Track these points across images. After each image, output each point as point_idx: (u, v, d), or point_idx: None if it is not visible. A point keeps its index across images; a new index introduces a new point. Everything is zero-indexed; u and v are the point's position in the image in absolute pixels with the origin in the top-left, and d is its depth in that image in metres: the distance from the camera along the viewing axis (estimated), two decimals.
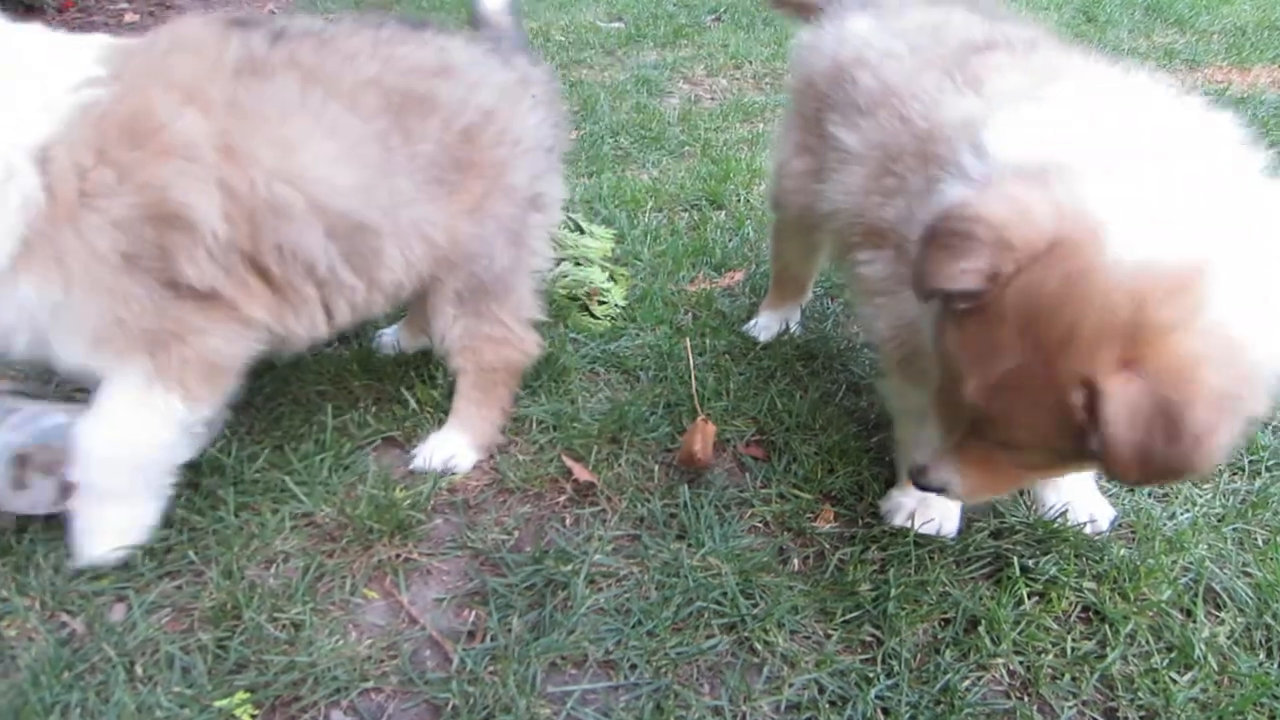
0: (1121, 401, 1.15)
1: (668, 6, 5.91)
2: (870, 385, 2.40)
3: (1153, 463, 1.17)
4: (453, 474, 2.10)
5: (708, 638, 1.72)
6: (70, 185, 1.59)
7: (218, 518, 1.93)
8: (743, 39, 5.30)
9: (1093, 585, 1.80)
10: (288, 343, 1.92)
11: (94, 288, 1.64)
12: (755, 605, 1.78)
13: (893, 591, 1.76)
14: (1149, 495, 2.02)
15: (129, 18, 6.69)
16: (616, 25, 5.62)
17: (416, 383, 2.35)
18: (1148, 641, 1.69)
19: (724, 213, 3.33)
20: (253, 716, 1.56)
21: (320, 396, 2.31)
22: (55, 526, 1.87)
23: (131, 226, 1.63)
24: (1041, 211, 1.22)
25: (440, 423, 2.21)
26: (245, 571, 1.81)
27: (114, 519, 1.82)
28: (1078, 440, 1.24)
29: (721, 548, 1.89)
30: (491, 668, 1.65)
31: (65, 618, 1.74)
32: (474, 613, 1.78)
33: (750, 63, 4.94)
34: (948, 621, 1.74)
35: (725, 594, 1.78)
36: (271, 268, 1.77)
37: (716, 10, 5.88)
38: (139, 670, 1.63)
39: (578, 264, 2.77)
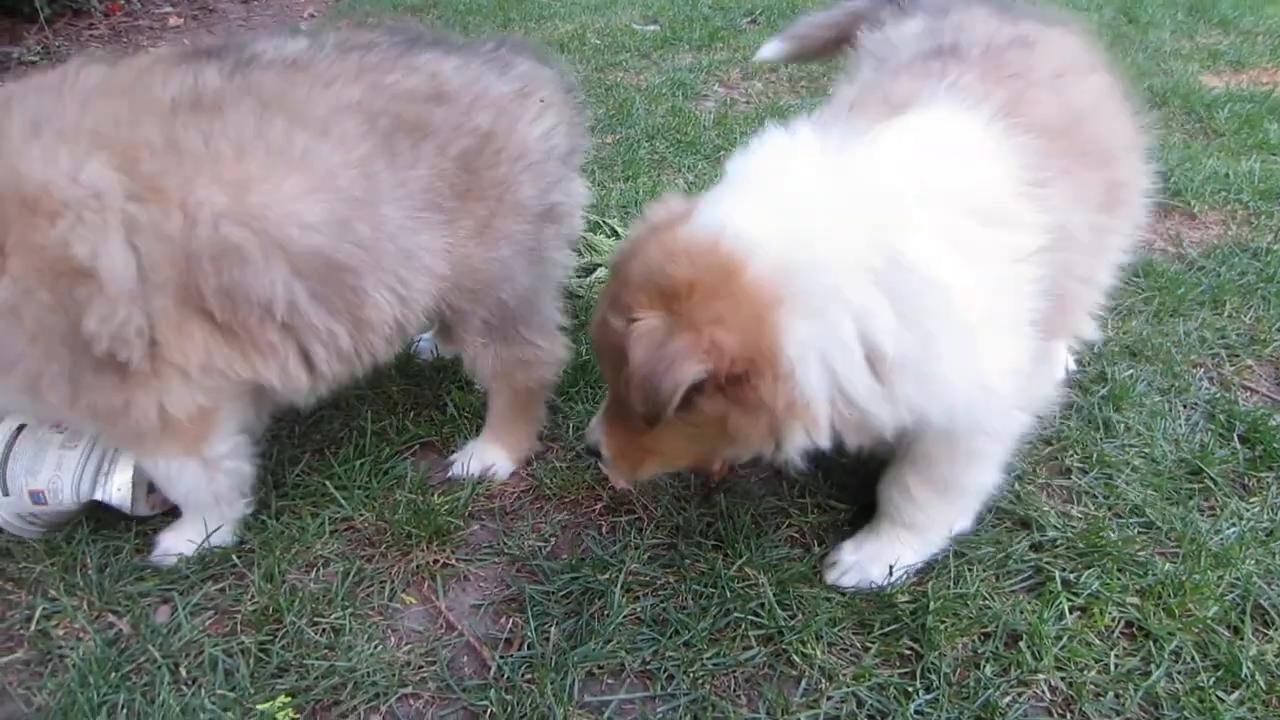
0: (637, 334, 1.40)
1: (703, 9, 5.90)
2: None
3: (642, 390, 1.40)
4: (491, 481, 2.12)
5: (745, 649, 1.71)
6: None
7: (260, 522, 1.96)
8: None
9: (1136, 601, 1.77)
10: (281, 393, 1.81)
11: (12, 379, 1.62)
12: (793, 617, 1.77)
13: (931, 604, 1.75)
14: (1196, 510, 1.98)
15: (173, 21, 6.81)
16: (652, 28, 5.62)
17: (453, 389, 2.36)
18: (1193, 659, 1.66)
19: None
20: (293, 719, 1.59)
21: (359, 401, 2.34)
22: (104, 529, 1.91)
23: (28, 294, 1.53)
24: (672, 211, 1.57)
25: (477, 429, 2.22)
26: (286, 575, 1.84)
27: (192, 526, 1.92)
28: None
29: (758, 558, 1.88)
30: (529, 676, 1.66)
31: (112, 618, 1.78)
32: (511, 620, 1.79)
33: (785, 66, 4.92)
34: (988, 635, 1.71)
35: (763, 605, 1.78)
36: (214, 312, 1.64)
37: (752, 13, 5.87)
38: (183, 672, 1.65)
39: None
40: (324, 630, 1.73)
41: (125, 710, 1.57)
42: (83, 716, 1.56)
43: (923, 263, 1.38)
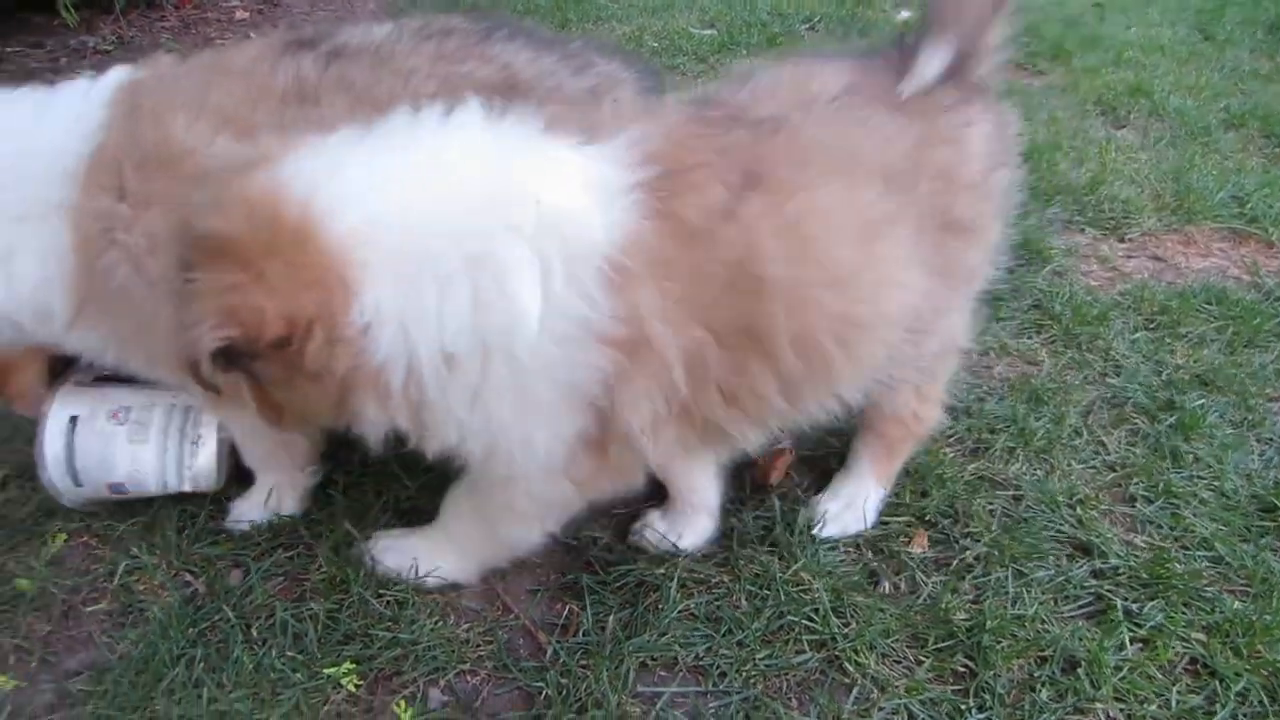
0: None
1: (761, 14, 5.88)
2: (967, 409, 2.37)
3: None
4: None
5: (797, 653, 1.72)
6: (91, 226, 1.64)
7: (327, 496, 2.02)
8: (837, 48, 5.25)
9: (1202, 637, 1.74)
10: None
11: (124, 323, 1.72)
12: (846, 624, 1.78)
13: (988, 623, 1.74)
14: (1269, 549, 1.94)
15: (239, 15, 7.00)
16: (709, 32, 5.62)
17: None
18: (1262, 702, 1.63)
19: None
20: (357, 686, 1.64)
21: None
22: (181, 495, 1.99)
23: (158, 245, 1.63)
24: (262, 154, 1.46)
25: None
26: (351, 549, 1.89)
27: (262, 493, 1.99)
28: None
29: (813, 563, 1.89)
30: (584, 661, 1.69)
31: (189, 578, 1.85)
32: (567, 606, 1.83)
33: None
34: (1045, 659, 1.70)
35: (816, 610, 1.79)
36: None
37: (811, 19, 5.84)
38: (254, 633, 1.72)
39: None
40: (388, 603, 1.78)
41: (202, 664, 1.64)
42: (163, 666, 1.63)
43: (505, 286, 1.35)
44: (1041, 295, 2.87)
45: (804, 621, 1.77)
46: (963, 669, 1.70)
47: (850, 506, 2.01)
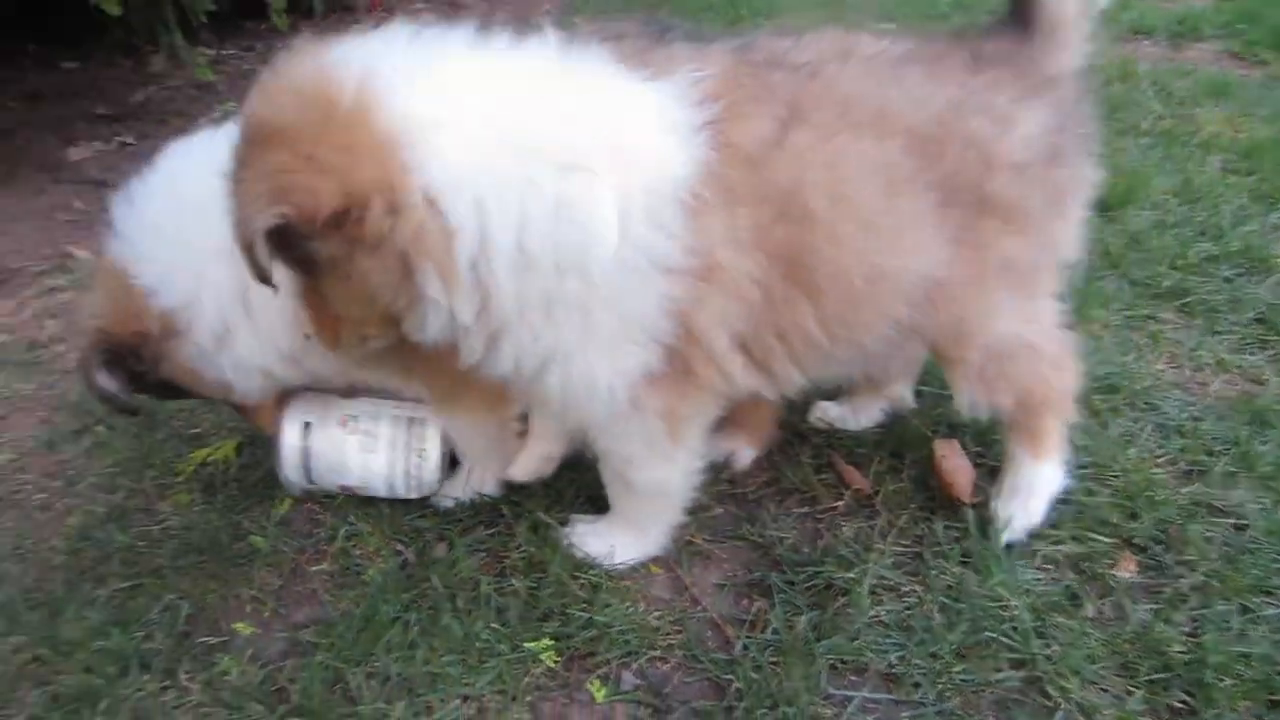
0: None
1: (942, 7, 5.68)
2: (1180, 428, 2.22)
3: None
4: (731, 467, 2.18)
5: (995, 670, 1.67)
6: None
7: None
8: None
9: None
10: None
11: None
12: (1047, 645, 1.71)
13: (1210, 659, 1.63)
14: None
15: (424, 17, 7.42)
16: (888, 26, 5.47)
17: None
18: None
19: None
20: (555, 662, 1.71)
21: None
22: None
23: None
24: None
25: None
26: (549, 531, 1.98)
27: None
28: None
29: (1011, 580, 1.83)
30: (774, 659, 1.70)
31: (400, 547, 1.99)
32: (754, 604, 1.84)
33: None
34: (1276, 704, 1.58)
35: (1015, 628, 1.73)
36: None
37: (996, 12, 5.58)
38: (459, 603, 1.83)
39: None
40: (583, 585, 1.85)
41: (416, 627, 1.76)
42: (381, 627, 1.76)
43: (589, 206, 1.42)
44: (1266, 308, 2.65)
45: (1002, 639, 1.71)
46: (1180, 705, 1.59)
47: (1014, 495, 1.96)
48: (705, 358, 1.62)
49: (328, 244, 1.41)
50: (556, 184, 1.42)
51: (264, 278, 1.43)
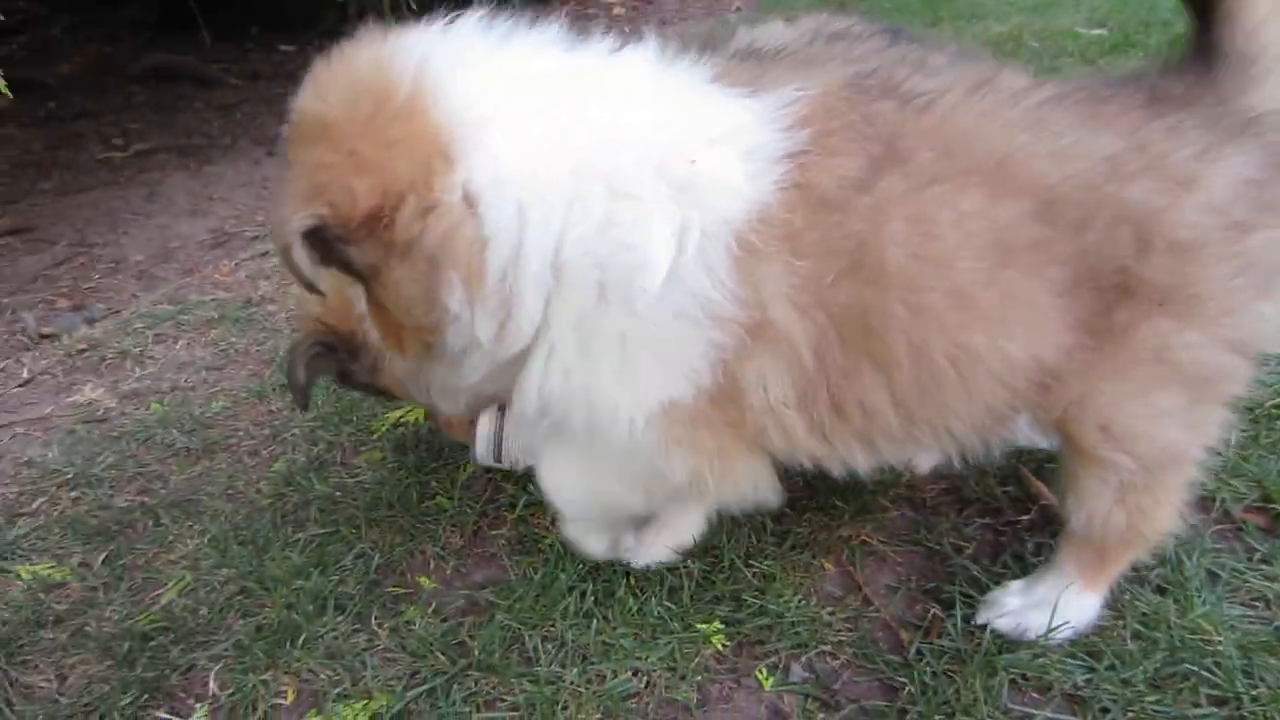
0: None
1: (1163, 13, 5.33)
2: None
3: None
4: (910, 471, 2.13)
5: (1194, 705, 1.57)
6: None
7: None
8: None
9: None
10: None
11: None
12: (1255, 686, 1.59)
13: None
14: None
15: (616, 11, 7.57)
16: (1099, 32, 5.19)
17: None
18: None
19: None
20: (724, 646, 1.73)
21: None
22: None
23: None
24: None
25: None
26: (723, 516, 1.99)
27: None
28: None
29: (1216, 613, 1.71)
30: (950, 666, 1.66)
31: None
32: (929, 609, 1.80)
33: None
34: None
35: (1219, 664, 1.61)
36: None
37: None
38: (633, 580, 1.87)
39: None
40: (756, 573, 1.86)
41: (591, 597, 1.83)
42: (559, 594, 1.83)
43: (641, 231, 1.28)
44: None
45: (1203, 673, 1.61)
46: None
47: (1038, 606, 1.68)
48: (753, 412, 1.44)
49: (363, 250, 1.31)
50: (608, 203, 1.30)
51: (308, 284, 1.34)
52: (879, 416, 1.43)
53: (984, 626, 1.71)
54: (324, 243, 1.30)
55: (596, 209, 1.29)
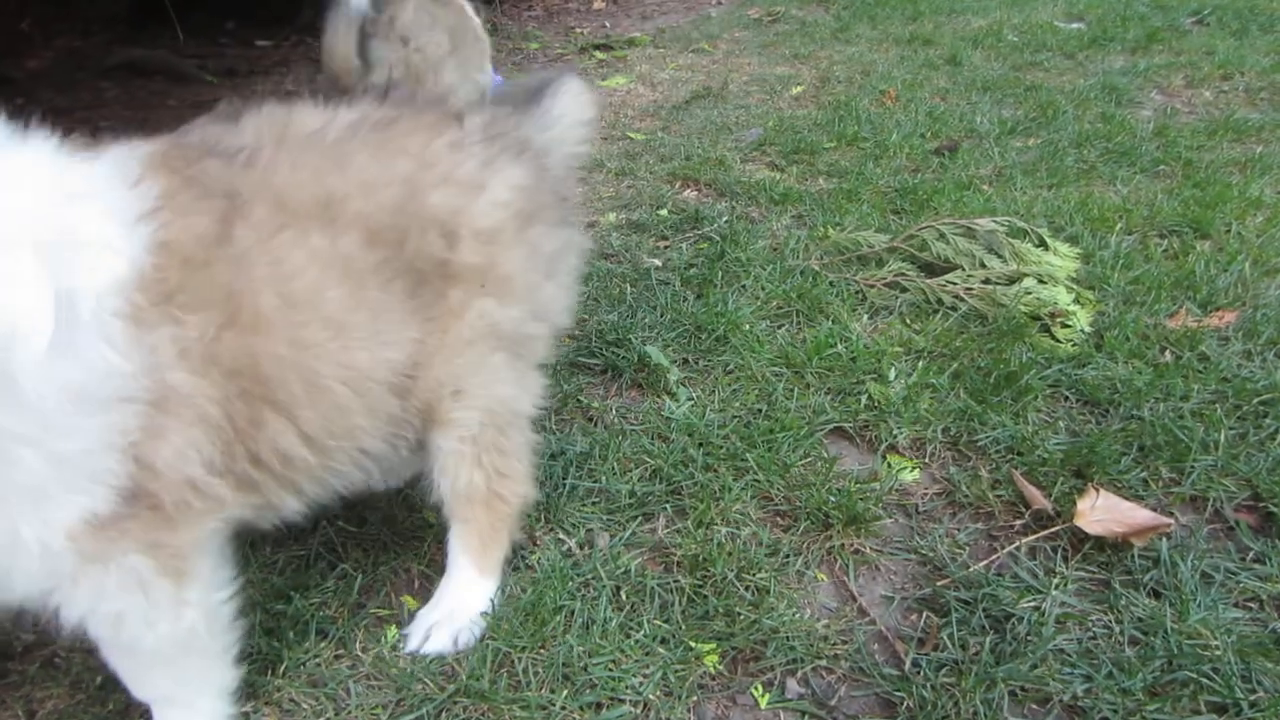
0: None
1: (1139, 7, 5.36)
2: None
3: None
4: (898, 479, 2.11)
5: (1194, 713, 1.55)
6: None
7: (688, 474, 2.11)
8: (1233, 46, 4.65)
9: None
10: None
11: None
12: (1253, 690, 1.58)
13: None
14: None
15: (596, 5, 7.53)
16: (1077, 26, 5.21)
17: (869, 380, 2.38)
18: None
19: (1209, 243, 2.96)
20: (718, 664, 1.70)
21: (775, 377, 2.43)
22: (562, 459, 2.17)
23: None
24: None
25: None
26: (714, 529, 1.96)
27: None
28: None
29: (1213, 618, 1.69)
30: (948, 679, 1.63)
31: (562, 535, 2.02)
32: (924, 619, 1.78)
33: (1242, 74, 4.34)
34: None
35: (1217, 670, 1.60)
36: None
37: (1199, 12, 5.22)
38: (623, 596, 1.83)
39: (1041, 281, 2.62)
40: (749, 587, 1.83)
41: (579, 617, 1.78)
42: (547, 613, 1.78)
43: (9, 292, 1.07)
44: None
45: (1202, 679, 1.59)
46: None
47: (455, 613, 1.79)
48: (176, 491, 1.33)
49: None
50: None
51: None
52: (296, 459, 1.46)
53: (981, 637, 1.69)
54: None
55: None
